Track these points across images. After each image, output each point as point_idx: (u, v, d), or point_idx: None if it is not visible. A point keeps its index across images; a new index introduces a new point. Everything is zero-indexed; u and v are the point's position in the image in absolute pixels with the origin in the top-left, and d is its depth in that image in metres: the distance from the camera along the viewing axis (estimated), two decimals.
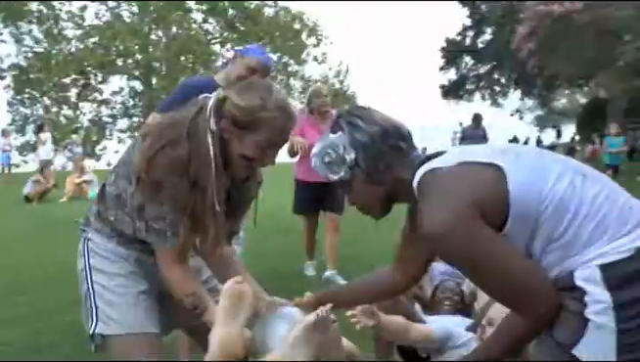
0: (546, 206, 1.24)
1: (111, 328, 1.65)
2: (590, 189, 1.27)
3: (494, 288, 1.32)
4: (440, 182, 1.33)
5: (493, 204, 1.26)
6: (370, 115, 1.47)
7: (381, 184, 1.46)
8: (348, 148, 1.43)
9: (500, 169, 1.29)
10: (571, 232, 1.23)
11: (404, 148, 1.46)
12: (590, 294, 1.20)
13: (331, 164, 1.45)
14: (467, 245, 1.25)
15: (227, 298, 1.47)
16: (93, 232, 1.74)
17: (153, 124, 1.61)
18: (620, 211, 1.25)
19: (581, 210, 1.24)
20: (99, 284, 1.69)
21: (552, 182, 1.27)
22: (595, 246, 1.22)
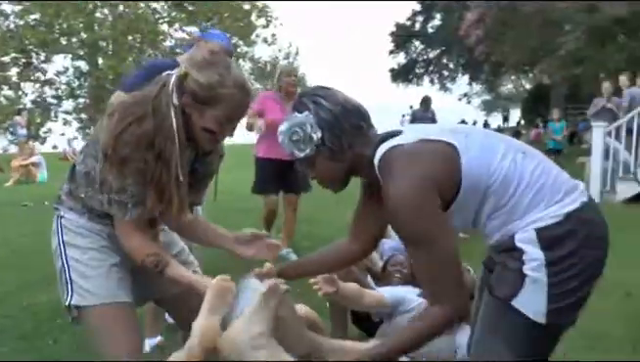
0: (494, 180, 1.43)
1: (86, 299, 1.73)
2: (529, 164, 1.46)
3: (428, 265, 1.44)
4: (402, 158, 1.46)
5: (448, 178, 1.42)
6: (333, 95, 1.55)
7: (343, 161, 1.56)
8: (315, 127, 1.50)
9: (453, 147, 1.45)
10: (513, 201, 1.42)
11: (364, 127, 1.56)
12: (528, 253, 1.40)
13: (298, 142, 1.53)
14: (416, 218, 1.39)
15: (212, 293, 1.57)
16: (65, 210, 1.80)
17: (118, 103, 1.66)
18: (554, 182, 1.45)
19: (522, 183, 1.43)
20: (73, 258, 1.76)
21: (498, 159, 1.45)
22: (533, 212, 1.42)
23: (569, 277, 1.40)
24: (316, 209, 6.65)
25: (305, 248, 5.27)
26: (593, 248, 1.44)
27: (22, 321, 3.44)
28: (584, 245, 1.41)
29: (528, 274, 1.40)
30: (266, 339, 1.51)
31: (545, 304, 1.40)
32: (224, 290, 1.58)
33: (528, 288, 1.41)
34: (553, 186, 1.44)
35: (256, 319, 1.51)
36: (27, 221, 7.04)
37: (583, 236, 1.41)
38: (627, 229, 5.90)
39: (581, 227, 1.41)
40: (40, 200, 8.74)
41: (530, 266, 1.40)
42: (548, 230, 1.40)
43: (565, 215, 1.41)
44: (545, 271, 1.39)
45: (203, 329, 1.51)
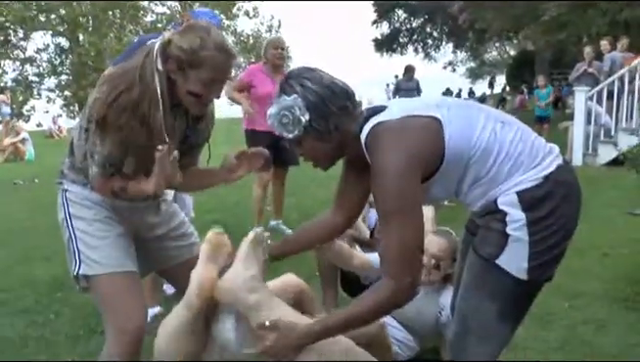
0: (475, 152, 1.52)
1: (93, 269, 1.80)
2: (508, 134, 1.56)
3: (386, 238, 1.51)
4: (388, 134, 1.51)
5: (432, 151, 1.50)
6: (319, 78, 1.58)
7: (330, 141, 1.61)
8: (303, 109, 1.54)
9: (438, 121, 1.52)
10: (493, 171, 1.53)
11: (350, 107, 1.60)
12: (510, 214, 1.51)
13: (287, 125, 1.57)
14: (397, 195, 1.46)
15: (209, 245, 1.67)
16: (69, 183, 1.86)
17: (108, 74, 1.72)
18: (531, 149, 1.55)
19: (502, 153, 1.53)
20: (79, 230, 1.83)
21: (479, 131, 1.53)
22: (513, 178, 1.52)
23: (548, 235, 1.51)
24: (301, 182, 6.76)
25: (295, 221, 5.38)
26: (569, 207, 1.54)
27: (23, 295, 3.53)
28: (561, 204, 1.51)
29: (511, 234, 1.51)
30: (259, 282, 1.63)
31: (527, 261, 1.51)
32: (219, 242, 1.70)
33: (511, 247, 1.51)
34: (531, 152, 1.54)
35: (247, 264, 1.63)
36: (20, 199, 7.10)
37: (561, 196, 1.51)
38: (606, 192, 6.07)
39: (558, 188, 1.52)
40: (30, 177, 8.78)
41: (513, 227, 1.50)
42: (528, 192, 1.50)
43: (543, 178, 1.51)
44: (527, 230, 1.50)
45: (200, 279, 1.60)
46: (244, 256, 1.65)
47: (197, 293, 1.58)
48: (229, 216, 5.70)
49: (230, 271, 1.63)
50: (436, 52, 29.89)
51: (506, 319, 1.61)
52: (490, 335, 1.62)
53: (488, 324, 1.60)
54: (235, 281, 1.61)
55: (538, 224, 1.50)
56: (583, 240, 4.07)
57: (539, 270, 1.53)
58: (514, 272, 1.53)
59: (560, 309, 3.13)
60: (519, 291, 1.57)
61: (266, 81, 4.56)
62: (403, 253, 1.48)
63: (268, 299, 1.63)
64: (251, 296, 1.59)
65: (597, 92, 8.51)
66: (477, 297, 1.61)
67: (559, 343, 2.71)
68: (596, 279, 3.61)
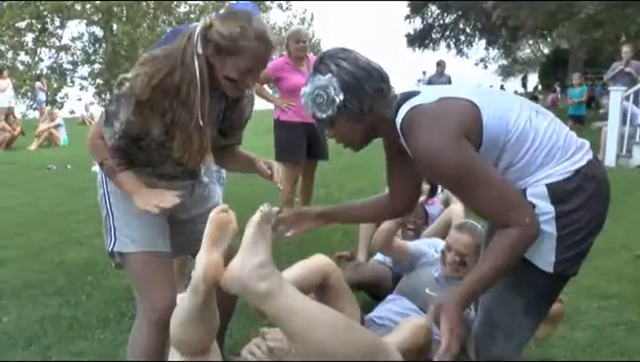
0: (511, 137, 1.50)
1: (127, 246, 1.86)
2: (542, 123, 1.55)
3: (483, 202, 1.48)
4: (426, 114, 1.50)
5: (472, 133, 1.48)
6: (355, 58, 1.58)
7: (363, 122, 1.60)
8: (337, 89, 1.54)
9: (475, 105, 1.51)
10: (527, 158, 1.51)
11: (384, 89, 1.60)
12: (538, 207, 1.49)
13: (321, 105, 1.57)
14: (458, 163, 1.44)
15: (212, 226, 1.57)
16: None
17: (150, 55, 1.73)
18: (564, 141, 1.54)
19: (536, 140, 1.51)
20: (116, 207, 1.89)
21: (515, 116, 1.52)
22: (544, 169, 1.50)
23: (576, 229, 1.49)
24: (330, 175, 6.78)
25: None
26: (598, 203, 1.53)
27: (57, 277, 3.61)
28: (590, 199, 1.50)
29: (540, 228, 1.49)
30: (269, 268, 1.51)
31: (554, 255, 1.50)
32: (223, 222, 1.59)
33: (540, 239, 1.49)
34: (564, 144, 1.53)
35: (255, 250, 1.52)
36: (53, 184, 7.24)
37: (590, 191, 1.50)
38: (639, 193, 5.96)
39: (588, 183, 1.50)
40: (63, 163, 8.95)
41: (541, 219, 1.49)
42: (558, 185, 1.49)
43: (574, 171, 1.50)
44: (555, 224, 1.48)
45: (205, 265, 1.52)
46: (250, 241, 1.53)
47: (201, 278, 1.52)
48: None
49: (236, 259, 1.53)
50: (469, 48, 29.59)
51: (531, 312, 1.60)
52: (515, 328, 1.61)
53: (514, 317, 1.60)
54: (242, 270, 1.50)
55: (567, 218, 1.48)
56: (616, 241, 4.02)
57: (566, 264, 1.52)
58: (541, 265, 1.52)
59: (590, 310, 3.09)
60: (545, 284, 1.56)
61: (293, 73, 4.58)
62: (503, 201, 1.44)
63: (280, 286, 1.51)
64: (260, 285, 1.48)
65: (634, 92, 8.33)
66: (502, 290, 1.60)
67: (587, 343, 2.68)
68: (628, 281, 3.55)
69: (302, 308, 1.52)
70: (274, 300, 1.49)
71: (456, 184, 1.52)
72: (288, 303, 1.50)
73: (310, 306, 1.55)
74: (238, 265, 1.51)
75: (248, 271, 1.49)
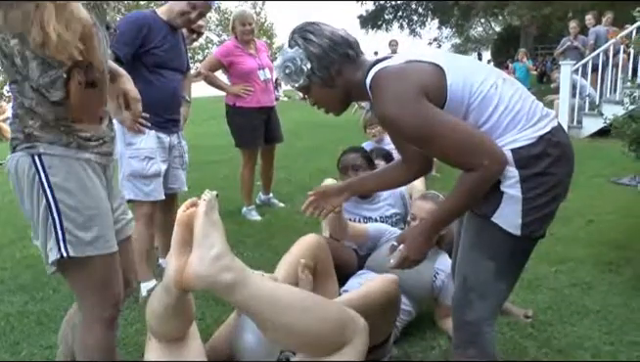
0: (475, 99, 1.57)
1: (83, 249, 1.61)
2: (508, 90, 1.61)
3: (444, 152, 1.58)
4: (390, 76, 1.59)
5: (435, 92, 1.55)
6: (320, 30, 1.69)
7: (335, 87, 1.71)
8: (304, 59, 1.66)
9: (439, 67, 1.59)
10: (491, 122, 1.57)
11: (352, 54, 1.70)
12: (504, 172, 1.55)
13: (291, 74, 1.69)
14: (417, 119, 1.53)
15: (180, 227, 1.53)
16: (45, 145, 1.57)
17: None
18: (529, 108, 1.60)
19: (500, 105, 1.57)
20: (64, 203, 1.58)
21: (480, 81, 1.59)
22: (509, 134, 1.56)
23: (541, 193, 1.56)
24: (290, 157, 6.81)
25: (285, 194, 5.44)
26: (562, 167, 1.59)
27: (20, 272, 3.55)
28: (554, 164, 1.56)
29: (505, 191, 1.56)
30: (229, 257, 1.49)
31: (520, 218, 1.57)
32: (189, 221, 1.53)
33: (505, 203, 1.57)
34: (529, 111, 1.59)
35: (209, 242, 1.48)
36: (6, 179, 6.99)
37: (554, 156, 1.56)
38: (591, 162, 6.18)
39: (552, 148, 1.56)
40: None
41: (507, 183, 1.56)
42: (523, 150, 1.55)
43: (538, 138, 1.56)
44: (520, 187, 1.55)
45: (175, 270, 1.49)
46: (202, 234, 1.48)
47: (172, 284, 1.49)
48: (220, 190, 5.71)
49: (193, 255, 1.48)
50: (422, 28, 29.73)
51: (503, 275, 1.67)
52: (489, 291, 1.67)
53: (487, 281, 1.66)
54: (202, 265, 1.46)
55: (531, 181, 1.55)
56: (570, 208, 4.18)
57: (532, 226, 1.59)
58: (509, 228, 1.58)
59: (548, 274, 3.22)
60: (514, 247, 1.62)
61: (245, 57, 4.53)
62: (463, 149, 1.53)
63: (244, 274, 1.50)
64: (224, 277, 1.46)
65: (582, 65, 8.58)
66: (474, 256, 1.67)
67: (547, 305, 2.80)
68: (582, 245, 3.71)
69: (269, 293, 1.52)
70: (240, 289, 1.48)
71: (418, 141, 1.62)
72: (254, 290, 1.50)
73: (276, 290, 1.56)
74: (196, 262, 1.47)
75: (208, 266, 1.46)
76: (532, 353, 2.36)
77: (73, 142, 1.61)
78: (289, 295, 1.57)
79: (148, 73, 2.93)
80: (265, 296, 1.50)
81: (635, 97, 3.59)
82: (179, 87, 3.16)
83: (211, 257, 1.46)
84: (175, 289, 1.50)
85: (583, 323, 2.61)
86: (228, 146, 5.27)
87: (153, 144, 2.98)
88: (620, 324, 2.59)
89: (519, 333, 2.51)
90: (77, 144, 1.62)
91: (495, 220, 1.59)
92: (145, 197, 2.98)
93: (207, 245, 1.47)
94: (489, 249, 1.64)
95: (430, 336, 2.52)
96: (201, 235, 1.48)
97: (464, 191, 1.57)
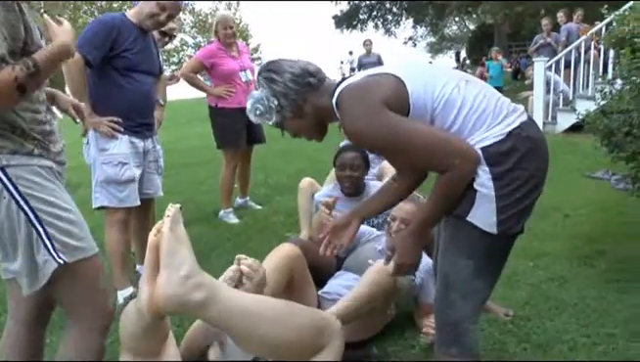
0: (438, 104, 1.58)
1: (74, 254, 1.60)
2: (472, 90, 1.62)
3: (415, 157, 1.61)
4: (352, 92, 1.65)
5: (398, 103, 1.57)
6: (280, 66, 1.77)
7: (305, 115, 1.77)
8: (271, 98, 1.75)
9: (398, 78, 1.61)
10: (458, 124, 1.58)
11: (314, 82, 1.76)
12: (476, 171, 1.55)
13: (263, 114, 1.77)
14: (383, 129, 1.56)
15: (151, 252, 1.49)
16: (8, 156, 1.52)
17: None
18: (495, 106, 1.61)
19: (465, 107, 1.58)
20: (43, 211, 1.55)
21: (442, 85, 1.60)
22: (477, 133, 1.57)
23: (514, 188, 1.56)
24: (268, 159, 6.79)
25: (262, 196, 5.42)
26: (534, 161, 1.59)
27: None
28: (526, 158, 1.57)
29: (478, 189, 1.57)
30: (198, 275, 1.45)
31: (495, 215, 1.57)
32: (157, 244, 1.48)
33: (479, 202, 1.57)
34: (494, 109, 1.60)
35: (177, 261, 1.43)
36: None
37: (524, 150, 1.57)
38: (566, 157, 6.27)
39: (522, 143, 1.57)
40: None
41: (479, 182, 1.56)
42: (492, 148, 1.56)
43: (506, 134, 1.57)
44: (492, 185, 1.55)
45: (148, 296, 1.45)
46: (168, 252, 1.44)
47: (145, 309, 1.45)
48: (197, 194, 5.69)
49: (161, 277, 1.43)
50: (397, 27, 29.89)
51: (482, 273, 1.67)
52: (470, 290, 1.67)
53: (467, 280, 1.66)
54: (171, 287, 1.42)
55: (504, 178, 1.55)
56: (546, 203, 4.22)
57: (508, 223, 1.59)
58: (484, 227, 1.58)
59: (525, 269, 3.25)
60: (491, 245, 1.62)
61: (226, 58, 4.62)
62: (432, 153, 1.55)
63: (214, 290, 1.47)
64: (195, 296, 1.43)
65: (555, 62, 8.69)
66: (453, 256, 1.67)
67: (525, 300, 2.83)
68: (558, 239, 3.75)
69: (241, 307, 1.51)
70: (212, 306, 1.45)
71: (388, 151, 1.68)
72: (226, 305, 1.48)
73: (248, 302, 1.54)
74: (165, 282, 1.42)
75: (177, 286, 1.42)
76: (512, 349, 2.37)
77: (35, 149, 1.57)
78: (261, 307, 1.56)
79: (119, 77, 2.89)
80: (237, 310, 1.49)
81: (606, 92, 3.62)
82: (152, 90, 3.12)
83: (180, 277, 1.43)
84: (148, 315, 1.46)
85: (561, 317, 2.64)
86: (206, 148, 5.28)
87: (126, 149, 2.94)
88: (597, 317, 2.62)
89: (498, 329, 2.53)
90: (39, 152, 1.58)
91: (470, 219, 1.59)
92: (119, 203, 2.94)
93: (176, 264, 1.44)
94: (467, 249, 1.64)
95: (409, 335, 2.52)
96: (167, 254, 1.44)
97: (441, 193, 1.59)
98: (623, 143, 3.14)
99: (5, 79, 1.41)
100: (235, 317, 1.48)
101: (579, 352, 2.33)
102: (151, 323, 1.49)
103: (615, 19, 4.05)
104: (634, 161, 3.16)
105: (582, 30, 9.27)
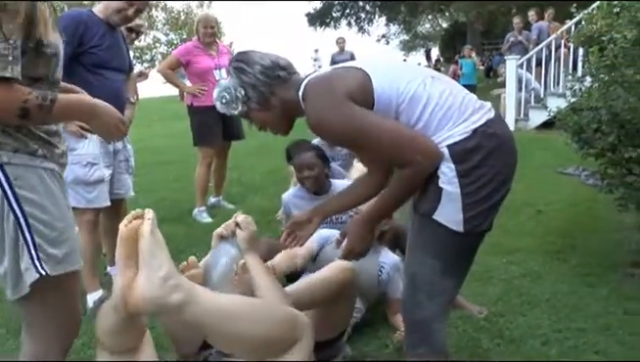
0: (403, 100, 1.57)
1: (55, 267, 1.49)
2: (438, 87, 1.61)
3: (376, 150, 1.62)
4: (317, 84, 1.65)
5: (362, 96, 1.57)
6: (250, 57, 1.76)
7: (272, 108, 1.75)
8: (238, 88, 1.73)
9: (364, 72, 1.61)
10: (424, 119, 1.57)
11: (283, 75, 1.74)
12: (441, 168, 1.55)
13: (229, 103, 1.75)
14: (345, 120, 1.56)
15: (122, 244, 1.42)
16: (8, 154, 1.44)
17: None
18: (461, 103, 1.60)
19: (430, 103, 1.57)
20: (34, 217, 1.46)
21: (407, 81, 1.60)
22: (443, 130, 1.56)
23: (480, 186, 1.55)
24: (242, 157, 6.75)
25: (236, 195, 5.38)
26: (500, 158, 1.59)
27: None
28: (492, 155, 1.56)
29: (444, 187, 1.56)
30: (176, 277, 1.41)
31: (462, 213, 1.56)
32: (131, 235, 1.42)
33: (445, 200, 1.56)
34: (460, 106, 1.59)
35: (156, 263, 1.39)
36: None
37: (490, 148, 1.56)
38: (538, 153, 6.35)
39: (488, 140, 1.56)
40: None
41: (445, 180, 1.55)
42: (458, 145, 1.55)
43: (472, 131, 1.56)
44: (457, 183, 1.55)
45: (121, 288, 1.39)
46: (148, 254, 1.39)
47: (120, 303, 1.40)
48: (170, 192, 5.63)
49: (140, 278, 1.38)
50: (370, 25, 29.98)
51: (450, 272, 1.66)
52: (437, 289, 1.66)
53: (434, 280, 1.64)
54: (150, 288, 1.37)
55: (469, 175, 1.54)
56: (518, 199, 4.27)
57: (475, 221, 1.58)
58: (451, 225, 1.57)
59: (498, 265, 3.28)
60: (458, 243, 1.62)
61: (203, 57, 4.69)
62: (394, 147, 1.55)
63: (192, 292, 1.43)
64: (173, 297, 1.38)
65: (526, 60, 8.80)
66: (420, 255, 1.66)
67: (498, 296, 2.85)
68: (531, 235, 3.80)
69: (218, 307, 1.48)
70: (190, 308, 1.41)
71: (349, 142, 1.69)
72: (203, 307, 1.44)
73: (223, 302, 1.53)
74: (144, 283, 1.37)
75: (157, 288, 1.37)
76: (485, 345, 2.39)
77: (39, 149, 1.49)
78: (237, 305, 1.54)
79: (87, 74, 2.82)
80: (215, 311, 1.47)
81: (576, 90, 3.68)
82: (122, 88, 3.05)
83: (160, 278, 1.38)
84: (123, 309, 1.40)
85: (533, 312, 2.67)
86: (178, 147, 5.23)
87: (96, 149, 2.88)
88: (568, 312, 2.66)
89: (471, 326, 2.54)
90: (43, 153, 1.50)
91: (437, 218, 1.58)
92: (87, 204, 2.88)
93: (155, 265, 1.38)
94: (433, 248, 1.63)
95: (383, 333, 2.52)
96: (147, 255, 1.39)
97: (399, 186, 1.62)
98: (592, 139, 3.19)
99: (13, 97, 1.35)
100: (213, 318, 1.46)
101: (551, 347, 2.36)
102: (126, 318, 1.45)
103: (583, 17, 4.11)
104: (603, 158, 3.21)
105: (553, 28, 9.39)
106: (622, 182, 3.21)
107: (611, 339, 2.39)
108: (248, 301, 1.61)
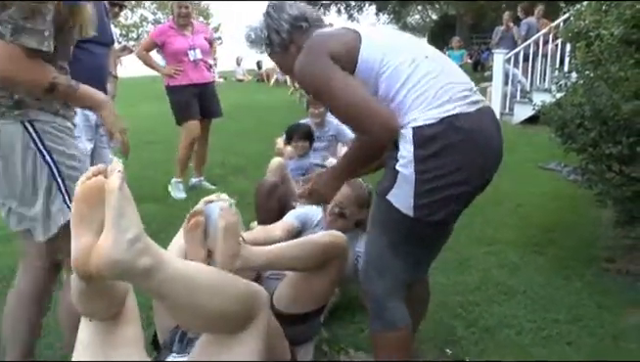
0: (384, 71, 1.59)
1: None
2: (426, 68, 1.60)
3: (341, 110, 1.66)
4: (312, 39, 1.72)
5: (345, 55, 1.62)
6: (280, 4, 1.86)
7: (290, 54, 1.80)
8: (264, 30, 1.85)
9: (357, 34, 1.66)
10: (399, 97, 1.57)
11: (304, 26, 1.82)
12: (401, 150, 1.56)
13: (255, 42, 1.92)
14: (317, 71, 1.63)
15: (77, 202, 1.27)
16: (35, 112, 1.66)
17: None
18: (440, 88, 1.57)
19: (411, 80, 1.57)
20: (65, 165, 1.69)
21: (394, 53, 1.61)
22: (413, 112, 1.55)
23: (435, 176, 1.53)
24: (226, 138, 6.72)
25: (217, 176, 5.36)
26: (464, 154, 1.53)
27: None
28: (454, 149, 1.52)
29: (400, 170, 1.56)
30: (145, 239, 1.28)
31: (413, 199, 1.56)
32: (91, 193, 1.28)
33: (400, 182, 1.57)
34: (437, 92, 1.56)
35: (124, 223, 1.24)
36: None
37: (452, 141, 1.51)
38: (522, 148, 6.39)
39: (453, 133, 1.52)
40: None
41: (402, 163, 1.55)
42: (421, 129, 1.53)
43: (438, 119, 1.52)
44: (413, 167, 1.54)
45: (75, 253, 1.26)
46: (116, 213, 1.24)
47: (75, 268, 1.27)
48: (151, 172, 5.58)
49: (105, 238, 1.24)
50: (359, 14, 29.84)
51: (399, 253, 1.68)
52: (386, 267, 1.70)
53: (382, 256, 1.70)
54: (116, 250, 1.23)
55: (424, 163, 1.53)
56: (500, 192, 4.30)
57: (426, 210, 1.57)
58: (402, 208, 1.59)
59: (478, 255, 3.31)
60: (408, 227, 1.62)
61: (177, 37, 4.76)
62: (357, 111, 1.57)
63: (161, 256, 1.32)
64: (141, 262, 1.26)
65: (514, 55, 8.84)
66: (374, 232, 1.73)
67: (476, 285, 2.88)
68: (510, 227, 3.83)
69: (184, 275, 1.38)
70: (157, 274, 1.29)
71: (317, 95, 1.74)
72: (170, 274, 1.33)
73: (189, 270, 1.43)
74: (110, 245, 1.23)
75: (124, 250, 1.23)
76: (460, 332, 2.42)
77: (60, 109, 1.71)
78: (202, 275, 1.46)
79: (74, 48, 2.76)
80: (180, 279, 1.37)
81: (562, 85, 3.70)
82: (106, 62, 3.01)
83: (127, 240, 1.24)
84: (83, 273, 1.27)
85: (509, 303, 2.70)
86: (160, 127, 5.21)
87: (79, 122, 2.83)
88: (544, 303, 2.69)
89: (448, 313, 2.57)
90: (63, 113, 1.72)
91: (389, 198, 1.61)
92: None
93: (123, 226, 1.24)
94: (384, 227, 1.68)
95: (359, 318, 2.54)
96: (116, 214, 1.24)
97: (354, 152, 1.69)
98: (575, 134, 3.21)
99: (47, 70, 1.60)
100: (178, 286, 1.36)
101: (525, 336, 2.39)
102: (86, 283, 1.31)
103: (572, 14, 4.12)
104: (584, 153, 3.24)
105: (542, 25, 9.44)
106: (602, 178, 3.24)
107: (583, 331, 2.43)
108: (213, 272, 1.53)
